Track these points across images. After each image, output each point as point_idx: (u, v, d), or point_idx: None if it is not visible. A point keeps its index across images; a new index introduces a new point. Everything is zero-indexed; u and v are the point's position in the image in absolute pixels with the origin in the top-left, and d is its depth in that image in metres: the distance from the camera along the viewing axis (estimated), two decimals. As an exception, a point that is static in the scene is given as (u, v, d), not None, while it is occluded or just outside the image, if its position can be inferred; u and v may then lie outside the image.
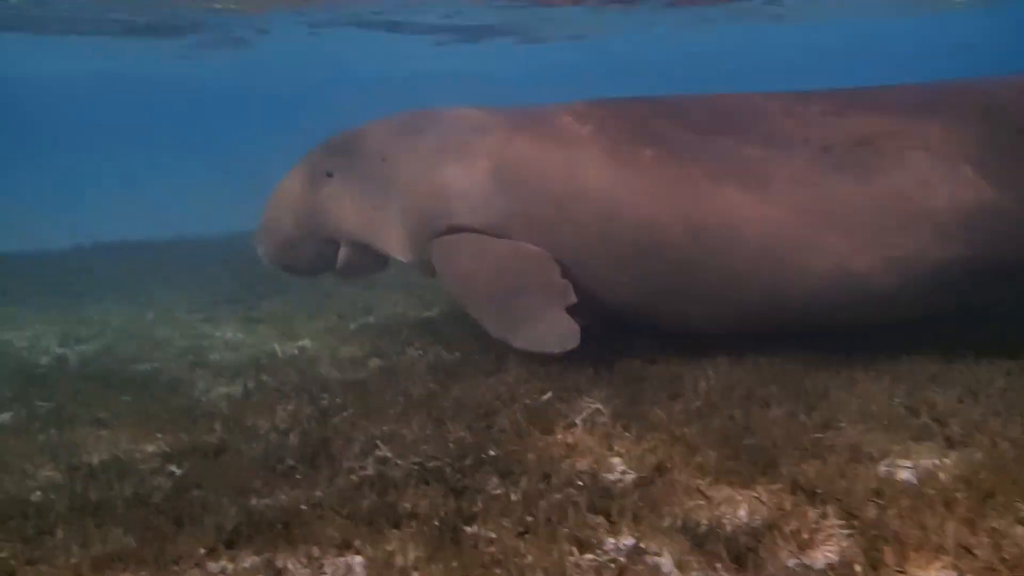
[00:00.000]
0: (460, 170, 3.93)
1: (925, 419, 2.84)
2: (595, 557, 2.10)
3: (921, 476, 2.41)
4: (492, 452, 2.77)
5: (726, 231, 3.46)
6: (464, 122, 4.16)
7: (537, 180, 3.78)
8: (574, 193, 3.70)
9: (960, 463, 2.47)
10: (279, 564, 2.15)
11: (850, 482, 2.39)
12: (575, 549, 2.13)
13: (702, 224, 3.49)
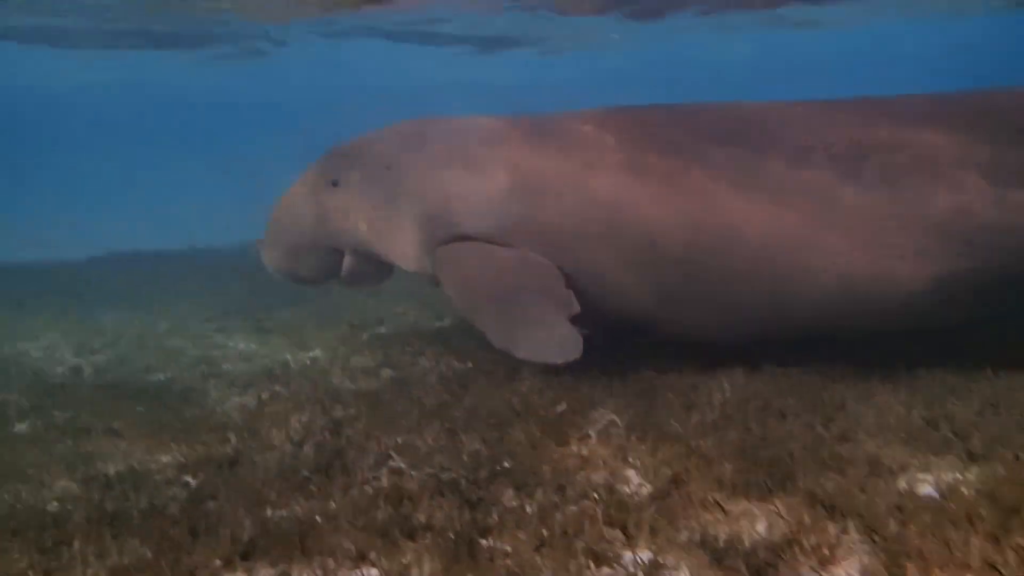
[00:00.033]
0: (464, 178, 3.94)
1: (945, 432, 2.80)
2: (612, 571, 2.09)
3: (943, 491, 2.37)
4: (506, 464, 2.76)
5: (735, 240, 3.46)
6: (468, 131, 4.18)
7: (542, 189, 3.78)
8: (581, 202, 3.70)
9: (983, 478, 2.43)
10: (294, 576, 2.14)
11: (870, 496, 2.36)
12: (592, 563, 2.11)
13: (712, 232, 3.48)
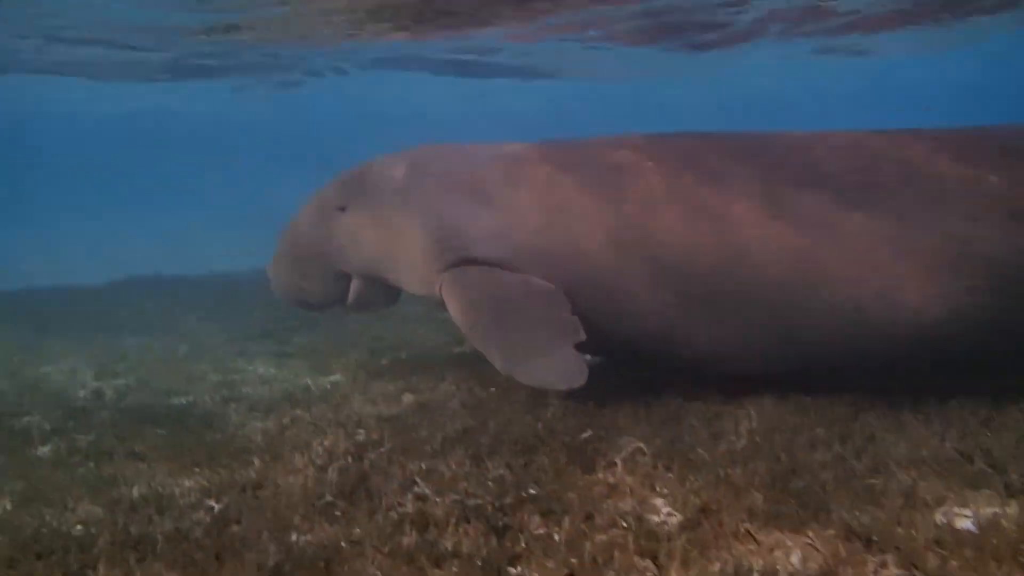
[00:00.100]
0: (470, 203, 3.96)
1: (981, 465, 2.74)
2: (645, 603, 2.04)
3: (982, 525, 2.31)
4: (532, 490, 2.72)
5: (749, 266, 3.44)
6: (475, 156, 4.22)
7: (549, 214, 3.79)
8: (588, 227, 3.70)
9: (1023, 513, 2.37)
10: (321, 603, 2.11)
11: (907, 529, 2.30)
12: (624, 594, 2.07)
13: (726, 258, 3.47)
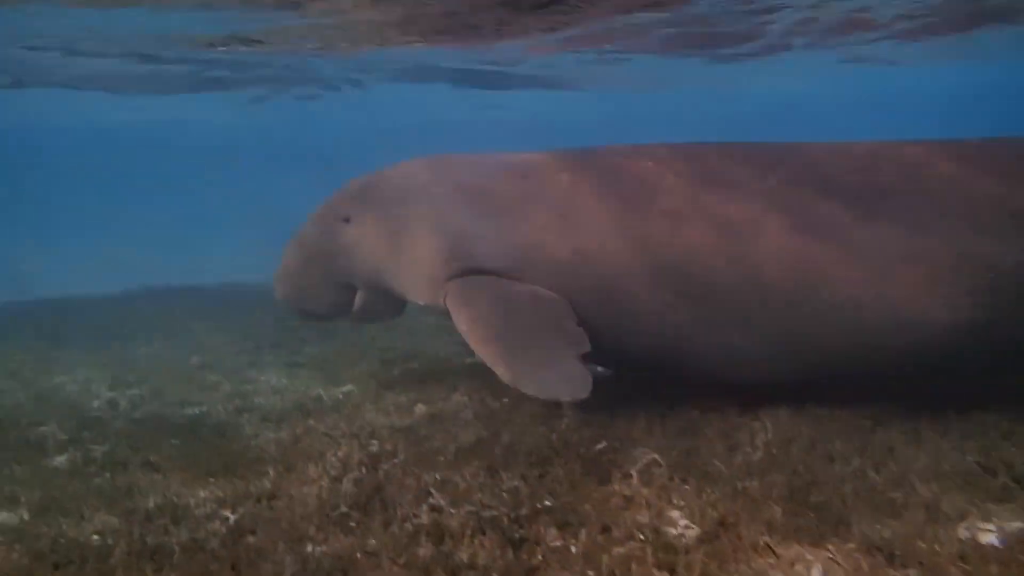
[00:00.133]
0: (476, 212, 3.97)
1: (1004, 479, 2.70)
2: (665, 616, 2.02)
3: (1008, 541, 2.28)
4: (548, 502, 2.71)
5: (759, 274, 3.43)
6: (480, 165, 4.23)
7: (554, 223, 3.79)
8: (594, 237, 3.70)
9: (1048, 526, 2.34)
10: (338, 615, 2.10)
11: (930, 544, 2.27)
12: (643, 607, 2.05)
13: (734, 266, 3.46)
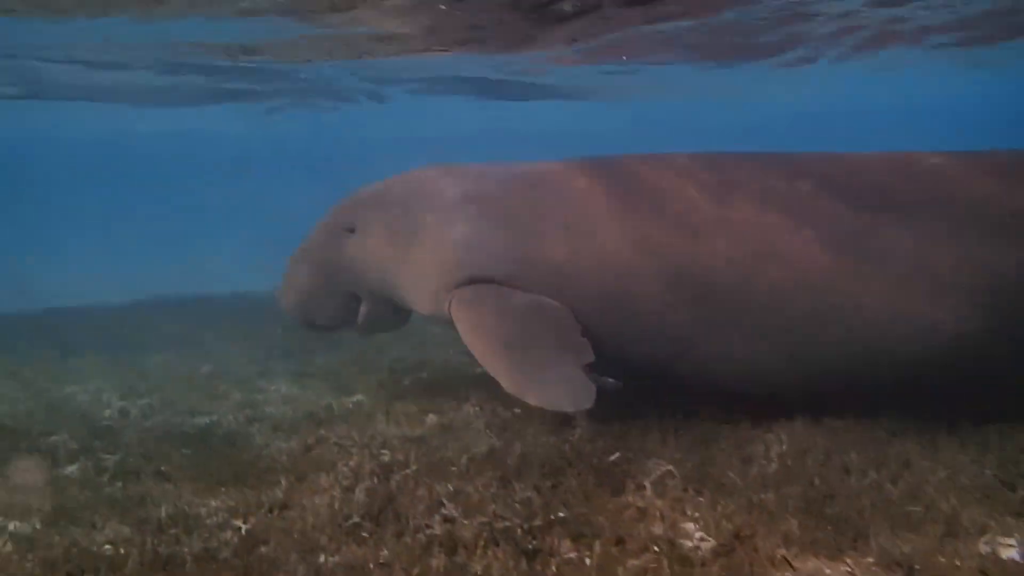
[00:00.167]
0: (480, 221, 3.97)
1: (1023, 493, 2.66)
2: (682, 630, 1.99)
3: (1030, 553, 2.24)
4: (561, 513, 2.69)
5: (766, 283, 3.42)
6: (484, 175, 4.24)
7: (559, 232, 3.79)
8: (600, 245, 3.70)
9: (1071, 540, 2.30)
10: (351, 626, 2.09)
11: (950, 559, 2.24)
12: (660, 620, 2.02)
13: (737, 272, 3.45)
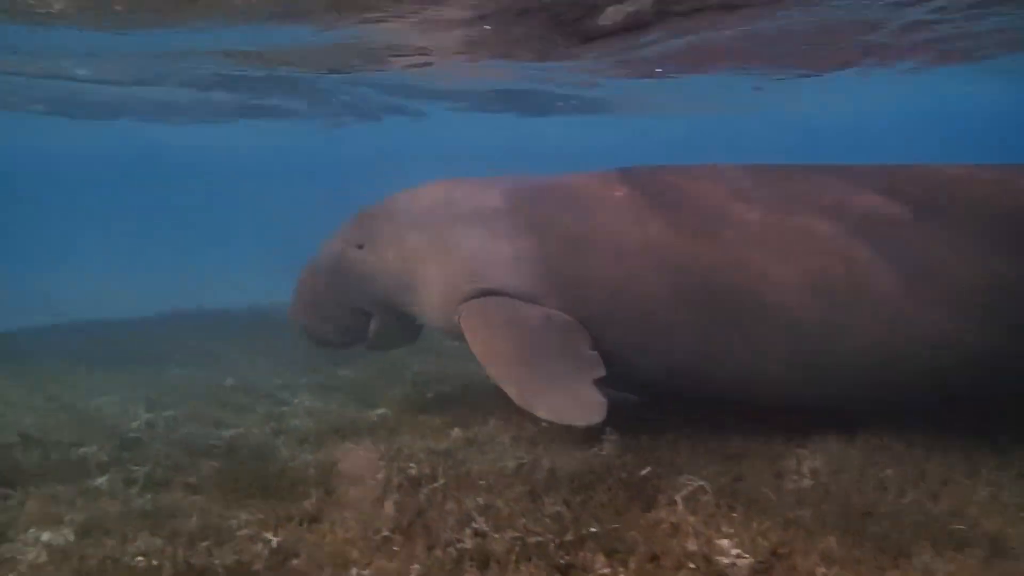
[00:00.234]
0: (490, 234, 3.97)
1: (1070, 510, 2.60)
2: (724, 650, 1.95)
3: (1081, 574, 2.18)
4: (593, 528, 2.66)
5: (777, 294, 3.39)
6: (494, 188, 4.24)
7: (569, 245, 3.78)
8: (610, 259, 3.68)
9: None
10: (386, 642, 2.07)
11: (998, 578, 2.18)
12: (700, 639, 1.98)
13: (746, 285, 3.42)
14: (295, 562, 2.56)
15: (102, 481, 3.72)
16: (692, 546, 2.55)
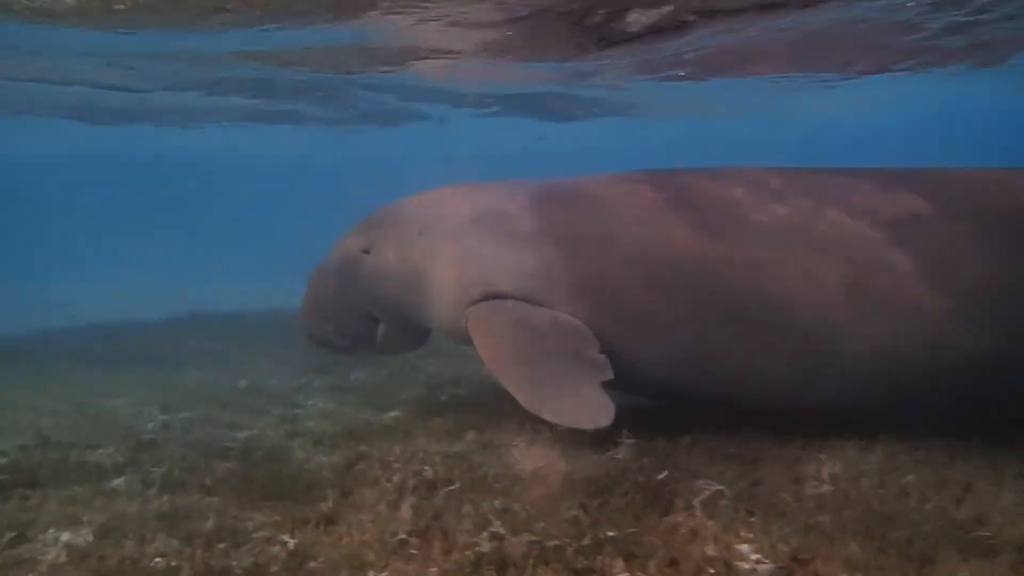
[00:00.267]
0: (497, 237, 3.97)
1: (1099, 517, 2.55)
2: (747, 657, 1.93)
3: (1112, 582, 2.14)
4: (611, 533, 2.64)
5: (786, 298, 3.37)
6: (501, 191, 4.24)
7: (576, 247, 3.77)
8: (617, 261, 3.67)
9: None
10: (405, 645, 2.06)
11: (1025, 586, 2.14)
12: (723, 646, 1.96)
13: (754, 288, 3.41)
14: (312, 564, 2.55)
15: (119, 482, 3.74)
16: (711, 551, 2.52)
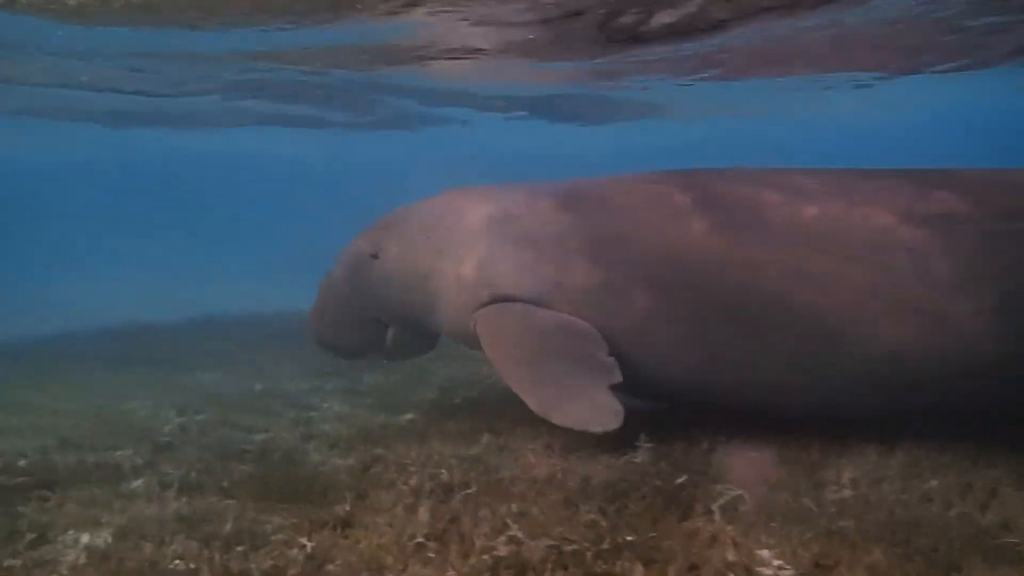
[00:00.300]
0: (505, 240, 3.96)
1: None
2: (771, 664, 1.90)
3: None
4: (630, 537, 2.62)
5: (796, 302, 3.34)
6: (507, 195, 4.23)
7: (585, 250, 3.76)
8: (625, 265, 3.65)
9: None
10: (425, 650, 2.05)
11: (1054, 593, 2.10)
12: (746, 653, 1.94)
13: (767, 288, 3.37)
14: (330, 568, 2.55)
15: (137, 484, 3.76)
16: (732, 556, 2.50)
